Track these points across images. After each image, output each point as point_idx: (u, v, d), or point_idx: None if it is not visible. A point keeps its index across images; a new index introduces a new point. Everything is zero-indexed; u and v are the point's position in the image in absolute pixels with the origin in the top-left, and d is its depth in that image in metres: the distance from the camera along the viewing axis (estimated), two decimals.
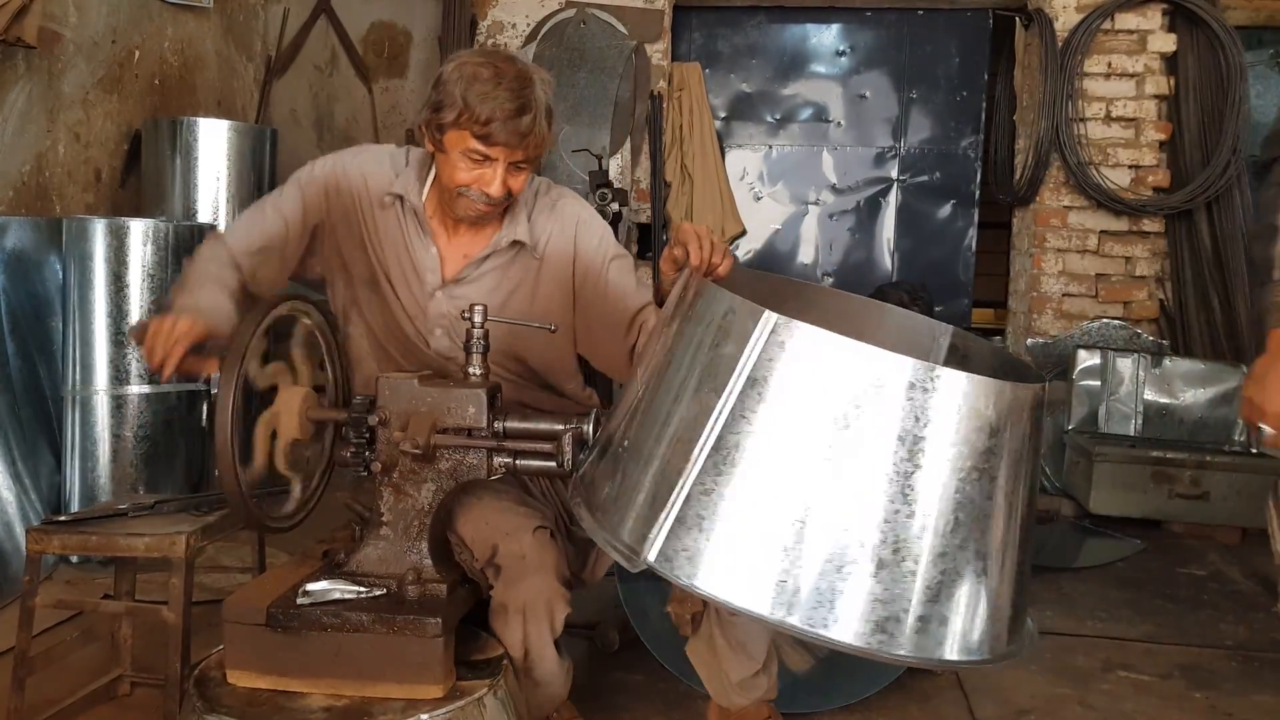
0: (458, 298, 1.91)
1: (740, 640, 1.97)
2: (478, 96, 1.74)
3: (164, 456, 3.24)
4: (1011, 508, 1.30)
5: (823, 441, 1.23)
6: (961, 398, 1.24)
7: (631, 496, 1.35)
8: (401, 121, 5.80)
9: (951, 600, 1.25)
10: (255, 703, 1.59)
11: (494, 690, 1.66)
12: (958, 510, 1.24)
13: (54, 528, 2.07)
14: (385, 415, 1.70)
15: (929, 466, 1.23)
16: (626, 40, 5.11)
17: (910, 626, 1.24)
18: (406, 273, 1.93)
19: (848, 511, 1.23)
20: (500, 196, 1.83)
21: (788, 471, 1.25)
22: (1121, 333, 4.86)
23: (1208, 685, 2.60)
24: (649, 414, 1.38)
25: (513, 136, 1.76)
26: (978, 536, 1.26)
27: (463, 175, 1.81)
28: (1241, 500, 3.95)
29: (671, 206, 5.26)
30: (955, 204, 5.49)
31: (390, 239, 1.94)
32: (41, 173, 3.65)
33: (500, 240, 1.92)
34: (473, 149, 1.78)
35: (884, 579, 1.23)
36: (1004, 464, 1.27)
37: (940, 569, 1.24)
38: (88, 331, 3.16)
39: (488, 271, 1.94)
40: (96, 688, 2.26)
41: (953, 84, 5.44)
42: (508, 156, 1.79)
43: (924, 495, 1.23)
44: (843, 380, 1.23)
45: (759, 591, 1.23)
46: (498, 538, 1.78)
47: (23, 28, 3.23)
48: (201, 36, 4.66)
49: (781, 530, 1.23)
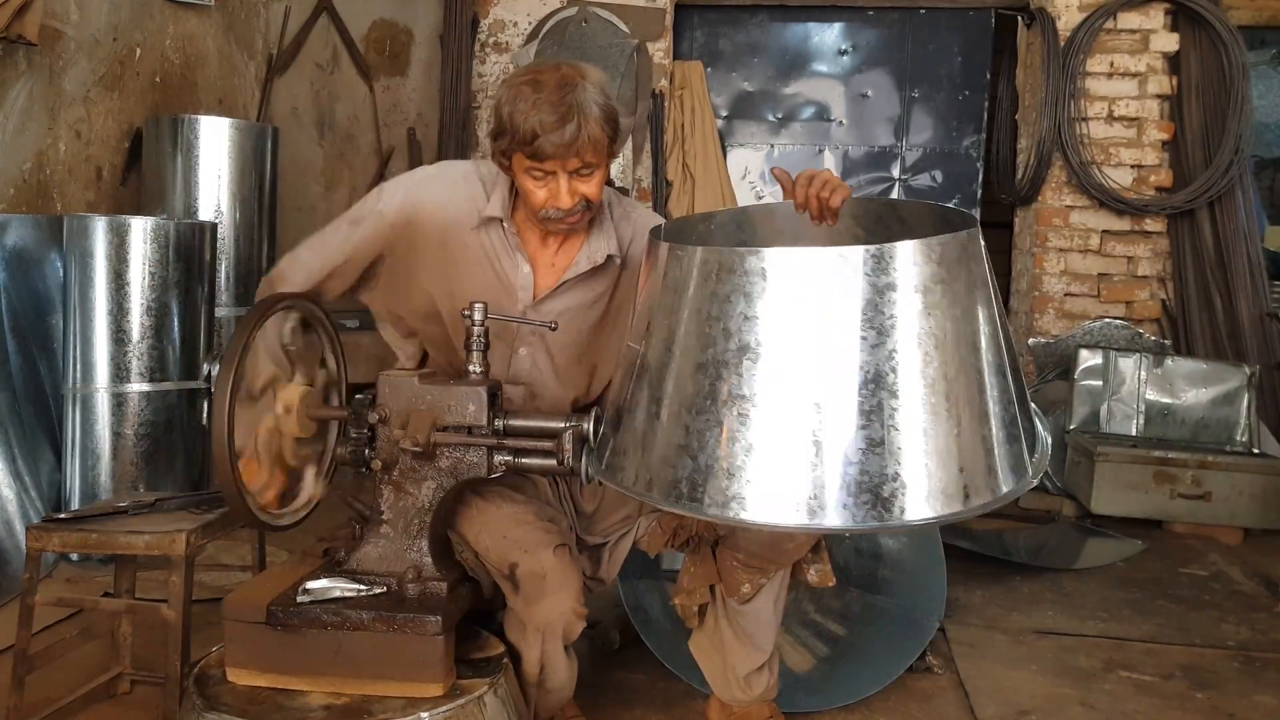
0: (546, 312, 1.90)
1: (749, 631, 1.97)
2: (521, 116, 1.73)
3: (164, 454, 3.24)
4: (973, 345, 1.35)
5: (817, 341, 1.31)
6: (915, 267, 1.32)
7: (666, 446, 1.40)
8: (403, 120, 5.80)
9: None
10: (255, 701, 1.59)
11: (494, 688, 1.66)
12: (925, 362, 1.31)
13: (54, 525, 2.07)
14: (385, 413, 1.70)
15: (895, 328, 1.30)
16: (628, 39, 5.10)
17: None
18: (500, 290, 1.91)
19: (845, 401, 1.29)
20: (574, 206, 1.80)
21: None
22: (1123, 332, 4.86)
23: (1209, 686, 2.59)
24: (661, 372, 1.43)
25: (560, 148, 1.73)
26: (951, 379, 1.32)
27: (535, 195, 1.80)
28: (1243, 500, 3.94)
29: (673, 205, 5.26)
30: (957, 203, 5.48)
31: (476, 262, 1.91)
32: (42, 170, 3.65)
33: (595, 255, 1.91)
34: (531, 168, 1.78)
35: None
36: (949, 311, 1.33)
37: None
38: (88, 329, 3.16)
39: (576, 283, 1.93)
40: (96, 686, 2.26)
41: (955, 83, 5.43)
42: (564, 167, 1.77)
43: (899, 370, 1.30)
44: (811, 283, 1.31)
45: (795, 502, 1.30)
46: (517, 554, 1.78)
47: (24, 25, 3.23)
48: (203, 34, 4.66)
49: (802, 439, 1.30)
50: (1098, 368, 4.45)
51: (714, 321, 1.34)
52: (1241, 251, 4.69)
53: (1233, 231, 4.71)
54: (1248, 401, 4.32)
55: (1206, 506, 3.96)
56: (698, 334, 1.35)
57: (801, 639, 2.69)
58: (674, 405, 1.38)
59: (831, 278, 1.29)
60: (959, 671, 2.59)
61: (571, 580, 1.79)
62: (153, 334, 3.19)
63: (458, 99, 5.18)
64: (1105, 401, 4.42)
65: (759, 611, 1.97)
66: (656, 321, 1.44)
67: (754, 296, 1.31)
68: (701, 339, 1.35)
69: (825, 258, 1.30)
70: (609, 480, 1.51)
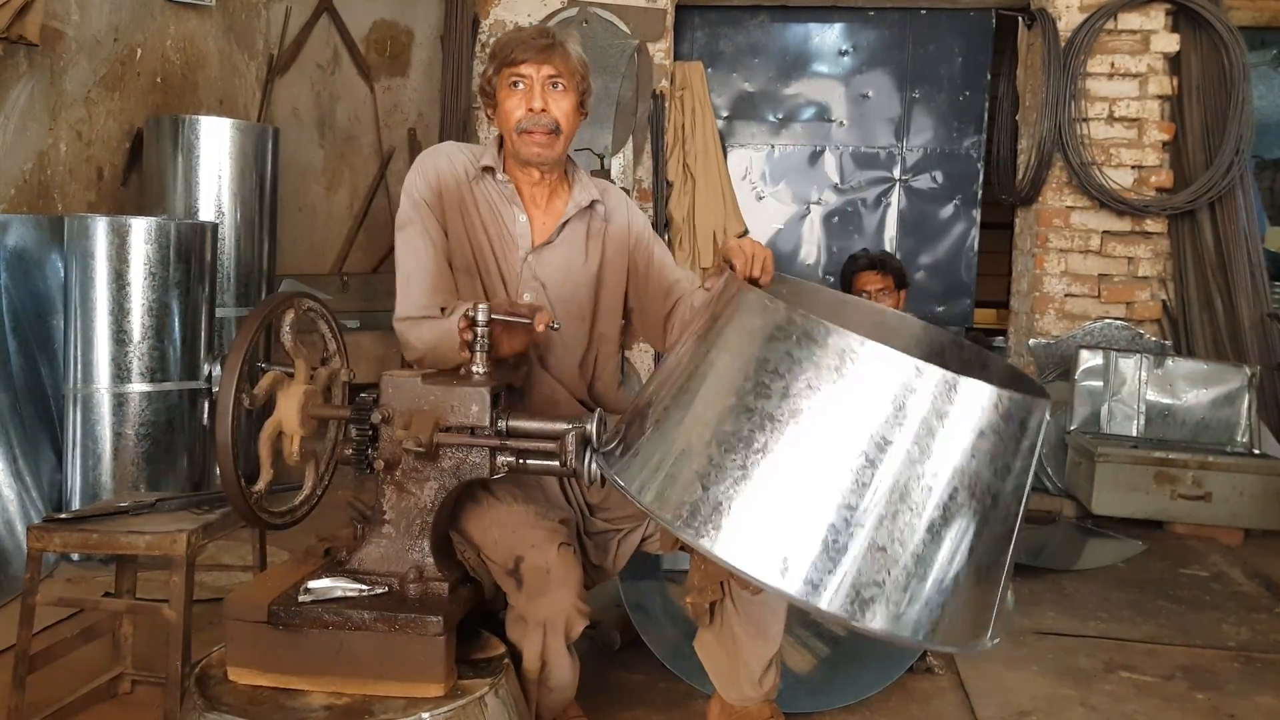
0: (545, 262, 2.09)
1: (762, 621, 1.99)
2: (507, 39, 2.04)
3: (165, 454, 3.24)
4: (995, 500, 1.38)
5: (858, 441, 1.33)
6: (980, 409, 1.34)
7: (684, 466, 1.43)
8: (403, 120, 5.81)
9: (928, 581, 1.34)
10: (256, 701, 1.59)
11: (495, 689, 1.66)
12: (952, 499, 1.34)
13: (55, 525, 2.07)
14: (388, 413, 1.70)
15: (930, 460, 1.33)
16: (629, 39, 5.11)
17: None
18: (505, 240, 2.09)
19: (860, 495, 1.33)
20: (544, 113, 2.01)
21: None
22: (1124, 333, 4.86)
23: (1210, 686, 2.59)
24: (708, 399, 1.47)
25: (536, 53, 1.99)
26: (968, 527, 1.36)
27: (513, 109, 2.02)
28: (1244, 501, 3.94)
29: (673, 206, 5.26)
30: (958, 204, 5.49)
31: (489, 209, 2.10)
32: (43, 171, 3.65)
33: (581, 200, 2.11)
34: (510, 76, 2.02)
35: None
36: (988, 469, 1.36)
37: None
38: (89, 329, 3.16)
39: (569, 235, 2.11)
40: (97, 686, 2.26)
41: (955, 84, 5.43)
42: (539, 73, 2.00)
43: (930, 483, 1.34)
44: (881, 390, 1.33)
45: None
46: (523, 549, 1.81)
47: (25, 25, 3.23)
48: (204, 35, 4.66)
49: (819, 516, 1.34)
50: (1098, 368, 4.45)
51: (776, 378, 1.37)
52: (1242, 252, 4.69)
53: (1233, 232, 4.70)
54: (1248, 402, 4.32)
55: (1207, 507, 3.96)
56: (755, 381, 1.39)
57: (802, 639, 2.69)
58: (706, 433, 1.41)
59: (901, 384, 1.32)
60: (959, 672, 2.59)
61: (574, 577, 1.82)
62: (153, 334, 3.19)
63: (458, 99, 5.18)
64: (1106, 402, 4.42)
65: (770, 599, 1.98)
66: (718, 355, 1.48)
67: (823, 371, 1.35)
68: (758, 388, 1.39)
69: (904, 364, 1.33)
70: (617, 476, 1.51)
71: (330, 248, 5.76)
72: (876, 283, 3.63)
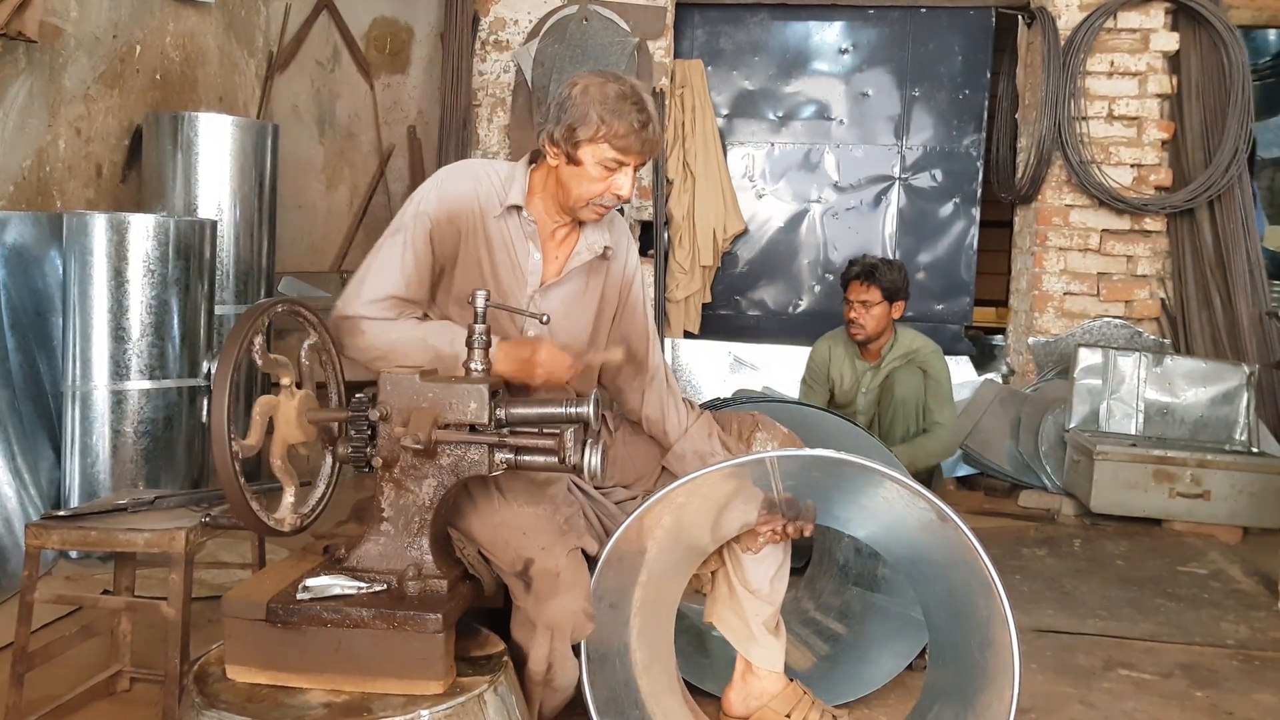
0: (550, 298, 2.09)
1: (759, 580, 2.16)
2: (612, 112, 1.94)
3: (164, 452, 3.24)
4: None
5: None
6: None
7: None
8: (403, 118, 5.80)
9: None
10: (255, 698, 1.58)
11: (494, 686, 1.65)
12: None
13: (53, 523, 2.07)
14: (386, 411, 1.69)
15: None
16: (629, 37, 5.10)
17: None
18: (515, 274, 2.08)
19: None
20: (629, 197, 2.05)
21: None
22: (1123, 331, 4.86)
23: (1209, 684, 2.59)
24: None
25: (644, 145, 1.98)
26: None
27: (593, 186, 1.99)
28: (1242, 499, 3.94)
29: (673, 204, 5.26)
30: (957, 202, 5.48)
31: (501, 245, 2.07)
32: (42, 168, 3.65)
33: (594, 246, 2.11)
34: (609, 159, 1.97)
35: None
36: None
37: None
38: (88, 327, 3.15)
39: (575, 273, 2.11)
40: (96, 683, 2.26)
41: (955, 82, 5.43)
42: (637, 161, 2.00)
43: None
44: None
45: None
46: (533, 551, 1.83)
47: (24, 22, 3.22)
48: (203, 31, 4.66)
49: None
50: (1097, 366, 4.45)
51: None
52: (1241, 251, 4.69)
53: (1232, 231, 4.71)
54: (1247, 400, 4.33)
55: (1206, 505, 3.96)
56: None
57: (802, 637, 2.69)
58: None
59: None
60: None
61: (583, 581, 1.85)
62: (152, 331, 3.19)
63: (458, 97, 5.18)
64: (1105, 400, 4.42)
65: (766, 558, 2.14)
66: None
67: None
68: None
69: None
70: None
71: (330, 245, 5.76)
72: (861, 293, 3.63)
